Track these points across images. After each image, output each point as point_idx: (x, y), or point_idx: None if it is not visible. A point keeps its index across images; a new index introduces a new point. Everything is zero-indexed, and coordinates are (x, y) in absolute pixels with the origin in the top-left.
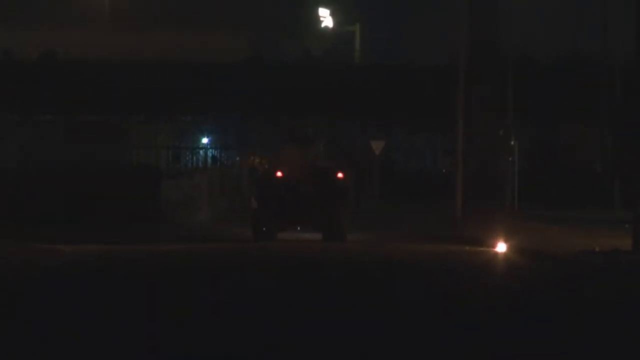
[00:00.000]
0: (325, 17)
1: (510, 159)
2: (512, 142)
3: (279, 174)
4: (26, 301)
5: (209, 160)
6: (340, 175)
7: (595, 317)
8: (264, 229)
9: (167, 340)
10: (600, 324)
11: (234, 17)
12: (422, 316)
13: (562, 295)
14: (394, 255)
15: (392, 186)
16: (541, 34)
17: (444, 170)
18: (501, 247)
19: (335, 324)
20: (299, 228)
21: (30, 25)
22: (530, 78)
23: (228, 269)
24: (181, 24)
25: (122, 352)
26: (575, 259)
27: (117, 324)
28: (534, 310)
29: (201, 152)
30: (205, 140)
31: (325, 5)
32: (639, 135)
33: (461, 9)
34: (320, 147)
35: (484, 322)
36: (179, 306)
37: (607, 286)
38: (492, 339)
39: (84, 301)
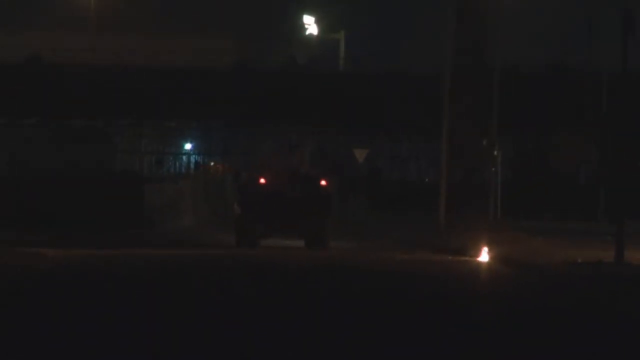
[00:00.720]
0: (310, 25)
1: (493, 169)
2: (496, 152)
3: (262, 180)
4: (6, 305)
5: (192, 166)
6: (323, 182)
7: (576, 327)
8: (247, 234)
9: (148, 346)
10: (580, 333)
11: (219, 23)
12: (403, 324)
13: (543, 305)
14: (377, 265)
15: (377, 194)
16: (527, 45)
17: (426, 180)
18: (484, 257)
19: (316, 334)
20: (281, 235)
21: (15, 28)
22: (516, 88)
23: (210, 275)
24: (167, 30)
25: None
26: (558, 270)
27: (97, 328)
28: (514, 318)
29: (184, 157)
30: (188, 146)
31: (310, 13)
32: (622, 147)
33: (448, 19)
34: (305, 154)
35: (466, 330)
36: (160, 311)
37: (589, 297)
38: (472, 346)
39: (65, 306)
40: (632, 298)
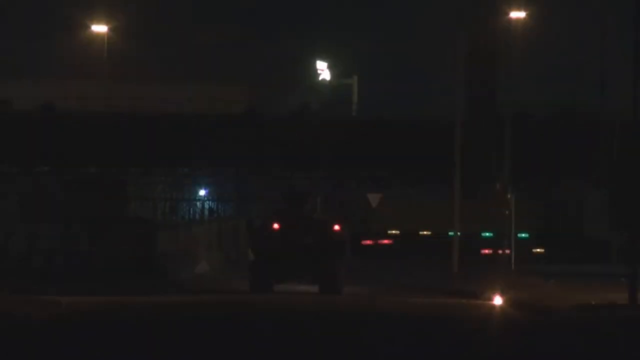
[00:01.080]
0: (323, 70)
1: (507, 212)
2: (509, 196)
3: (275, 226)
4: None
5: (206, 212)
6: (336, 227)
7: None
8: (261, 280)
9: None
10: None
11: (231, 70)
12: None
13: (555, 349)
14: (391, 309)
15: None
16: (539, 90)
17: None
18: (497, 301)
19: None
20: (295, 280)
21: (30, 77)
22: (528, 133)
23: (224, 321)
24: (179, 77)
25: None
26: (570, 314)
27: None
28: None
29: (198, 204)
30: (202, 192)
31: (323, 59)
32: (635, 191)
33: (460, 65)
34: (317, 200)
35: None
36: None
37: (605, 341)
38: None
39: (80, 352)
40: None
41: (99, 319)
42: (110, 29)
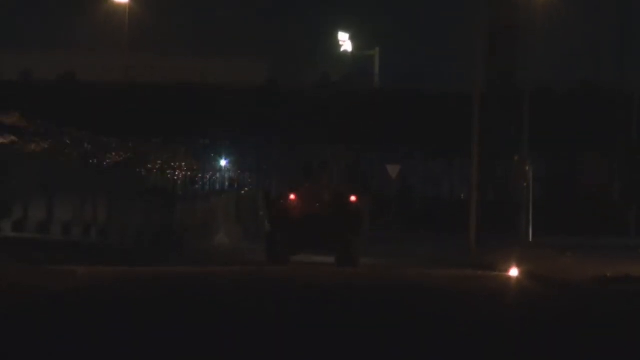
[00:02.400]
0: (345, 42)
1: (525, 184)
2: (527, 168)
3: (292, 197)
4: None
5: (226, 183)
6: (353, 199)
7: (596, 340)
8: (278, 251)
9: None
10: (599, 348)
11: (253, 42)
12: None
13: (564, 319)
14: (406, 280)
15: (410, 212)
16: (559, 64)
17: (462, 196)
18: (514, 272)
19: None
20: (312, 252)
21: (49, 47)
22: (547, 107)
23: (239, 293)
24: (200, 49)
25: None
26: (582, 285)
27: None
28: (536, 329)
29: (218, 175)
30: (223, 164)
31: (345, 30)
32: None
33: (481, 37)
34: (335, 171)
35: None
36: (192, 331)
37: (611, 312)
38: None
39: (94, 327)
40: None
41: (114, 290)
42: (131, 0)
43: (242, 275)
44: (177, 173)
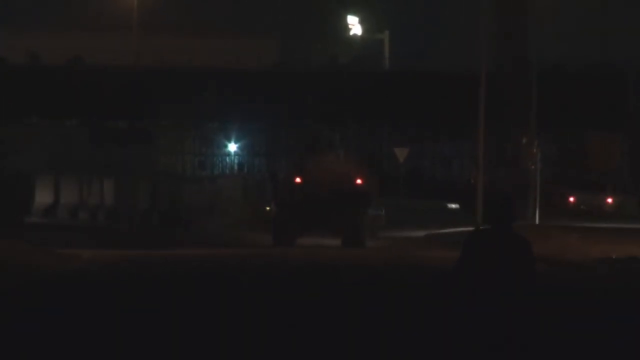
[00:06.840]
0: (354, 25)
1: (533, 166)
2: (535, 150)
3: (298, 179)
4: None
5: (235, 166)
6: (359, 181)
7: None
8: (284, 233)
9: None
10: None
11: (262, 24)
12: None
13: (565, 298)
14: (411, 261)
15: (419, 194)
16: (569, 42)
17: (471, 181)
18: None
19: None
20: (318, 233)
21: (58, 30)
22: (557, 86)
23: (245, 275)
24: (209, 31)
25: None
26: (584, 265)
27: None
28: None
29: (227, 158)
30: (232, 147)
31: (354, 13)
32: None
33: (490, 17)
34: (342, 153)
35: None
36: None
37: (611, 291)
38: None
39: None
40: None
41: (119, 272)
42: None
43: (249, 259)
44: (185, 156)
